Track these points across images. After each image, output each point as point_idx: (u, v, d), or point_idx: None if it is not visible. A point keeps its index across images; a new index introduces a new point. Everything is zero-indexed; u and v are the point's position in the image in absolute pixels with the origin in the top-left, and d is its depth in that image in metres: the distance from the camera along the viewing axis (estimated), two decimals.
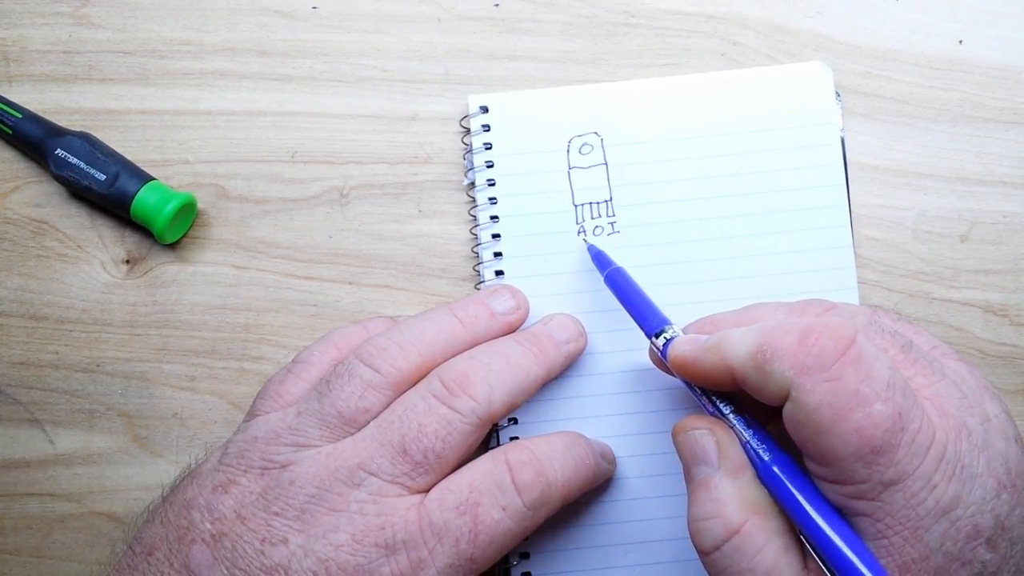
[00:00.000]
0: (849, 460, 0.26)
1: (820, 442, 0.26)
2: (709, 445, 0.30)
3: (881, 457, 0.26)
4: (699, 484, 0.29)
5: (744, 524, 0.28)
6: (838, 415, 0.26)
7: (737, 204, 0.39)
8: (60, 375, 0.39)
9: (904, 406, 0.26)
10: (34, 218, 0.40)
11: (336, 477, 0.31)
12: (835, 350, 0.26)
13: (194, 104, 0.41)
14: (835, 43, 0.41)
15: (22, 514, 0.39)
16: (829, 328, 0.27)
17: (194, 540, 0.31)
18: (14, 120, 0.40)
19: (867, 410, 0.26)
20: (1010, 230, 0.39)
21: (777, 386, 0.27)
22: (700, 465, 0.30)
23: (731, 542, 0.28)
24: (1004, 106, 0.40)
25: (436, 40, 0.41)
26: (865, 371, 0.26)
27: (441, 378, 0.33)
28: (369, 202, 0.40)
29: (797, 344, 0.27)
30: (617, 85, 0.40)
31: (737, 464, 0.29)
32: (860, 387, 0.26)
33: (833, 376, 0.26)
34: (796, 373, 0.26)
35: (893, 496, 0.26)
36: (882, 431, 0.26)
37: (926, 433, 0.26)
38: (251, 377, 0.39)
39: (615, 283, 0.36)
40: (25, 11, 0.42)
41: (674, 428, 0.31)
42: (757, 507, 0.28)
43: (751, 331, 0.28)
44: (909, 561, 0.26)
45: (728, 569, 0.28)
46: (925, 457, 0.26)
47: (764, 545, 0.27)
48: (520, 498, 0.32)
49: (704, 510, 0.29)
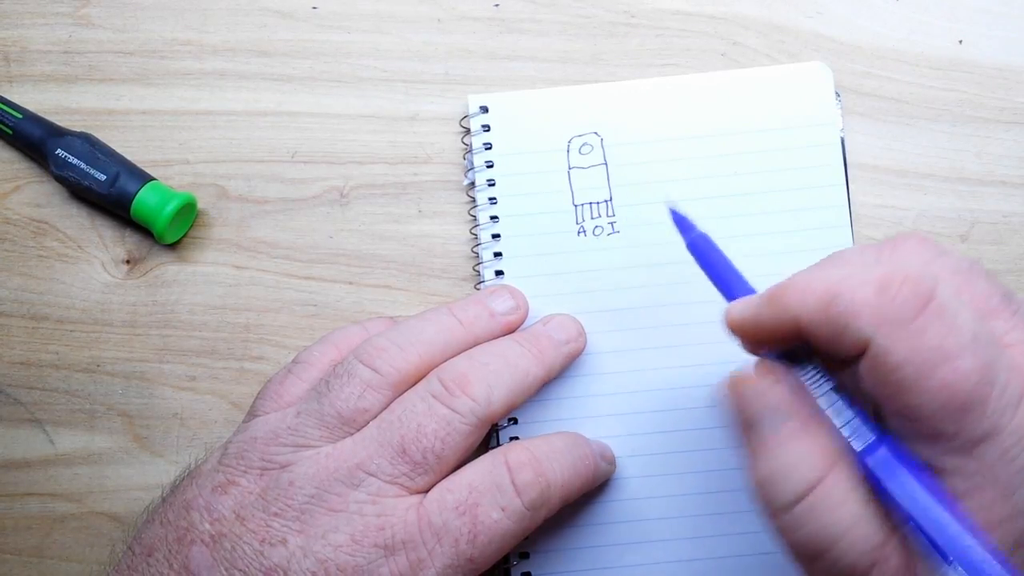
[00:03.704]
0: (936, 416, 0.24)
1: (904, 400, 0.24)
2: (776, 394, 0.27)
3: (971, 412, 0.24)
4: (768, 437, 0.27)
5: (825, 476, 0.25)
6: (923, 372, 0.24)
7: (737, 204, 0.39)
8: (60, 375, 0.39)
9: (991, 358, 0.24)
10: (34, 218, 0.40)
11: (335, 477, 0.31)
12: (917, 302, 0.24)
13: (194, 104, 0.41)
14: (835, 43, 0.40)
15: (22, 514, 0.39)
16: (909, 279, 0.25)
17: (193, 541, 0.31)
18: (14, 120, 0.40)
19: (953, 365, 0.24)
20: (1010, 230, 0.39)
21: (853, 341, 0.25)
22: (768, 417, 0.27)
23: (810, 497, 0.25)
24: (1004, 106, 0.40)
25: (436, 40, 0.41)
26: (949, 324, 0.24)
27: (440, 378, 0.33)
28: (369, 202, 0.40)
29: (875, 296, 0.25)
30: (617, 85, 0.40)
31: (809, 414, 0.27)
32: (945, 341, 0.24)
33: (916, 330, 0.24)
34: (875, 327, 0.24)
35: (985, 452, 0.24)
36: (970, 385, 0.24)
37: (1017, 386, 0.25)
38: (251, 377, 0.39)
39: (698, 250, 0.33)
40: (25, 11, 0.42)
41: (731, 380, 0.28)
42: (836, 457, 0.26)
43: (817, 279, 0.26)
44: (999, 519, 0.24)
45: (807, 526, 0.25)
46: (1017, 411, 0.24)
47: (846, 498, 0.25)
48: (519, 498, 0.32)
49: (778, 463, 0.26)
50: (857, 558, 0.25)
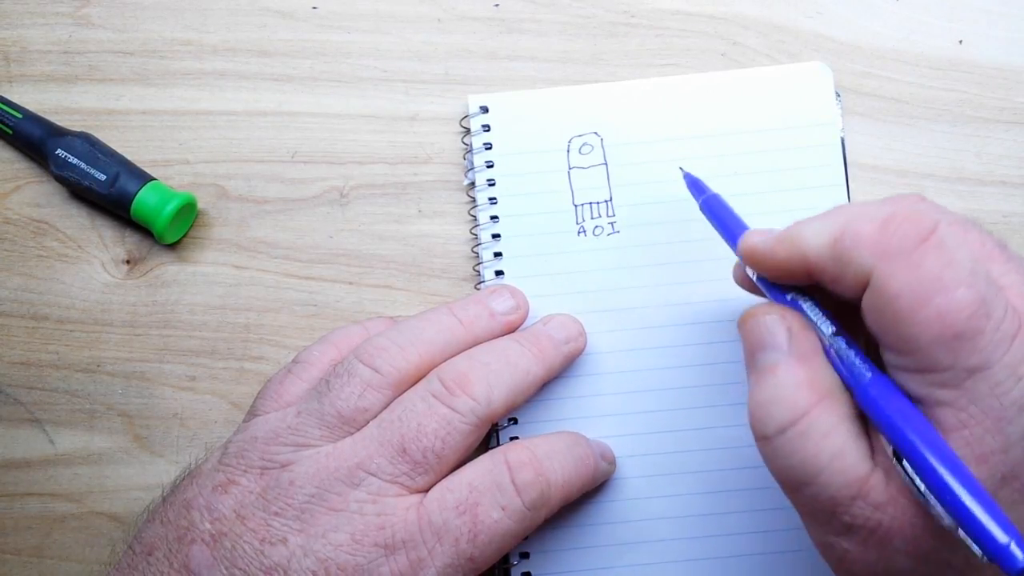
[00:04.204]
0: (932, 347, 0.25)
1: (901, 329, 0.25)
2: (780, 330, 0.28)
3: (965, 343, 0.25)
4: (765, 368, 0.28)
5: (813, 407, 0.27)
6: (920, 300, 0.25)
7: (737, 204, 0.38)
8: (60, 375, 0.39)
9: (987, 293, 0.25)
10: (34, 218, 0.40)
11: (336, 477, 0.31)
12: (917, 236, 0.25)
13: (194, 104, 0.41)
14: (835, 43, 0.40)
15: (22, 514, 0.39)
16: (912, 215, 0.26)
17: (194, 540, 0.31)
18: (14, 120, 0.40)
19: (950, 295, 0.25)
20: (1010, 230, 0.39)
21: (856, 274, 0.26)
22: (768, 350, 0.28)
23: (797, 426, 0.26)
24: (1004, 106, 0.40)
25: (436, 40, 0.41)
26: (948, 257, 0.25)
27: (440, 378, 0.33)
28: (369, 202, 0.40)
29: (878, 230, 0.26)
30: (617, 85, 0.40)
31: (807, 349, 0.28)
32: (943, 272, 0.25)
33: (915, 262, 0.25)
34: (877, 259, 0.26)
35: (977, 384, 0.25)
36: (966, 316, 0.25)
37: (1011, 321, 0.25)
38: (251, 377, 0.39)
39: (710, 208, 0.35)
40: (25, 11, 0.42)
41: (741, 316, 0.30)
42: (827, 391, 0.27)
43: (828, 220, 0.27)
44: (988, 452, 0.25)
45: (792, 455, 0.26)
46: (1011, 346, 0.25)
47: (832, 430, 0.26)
48: (519, 498, 0.32)
49: (770, 394, 0.27)
50: (838, 490, 0.26)
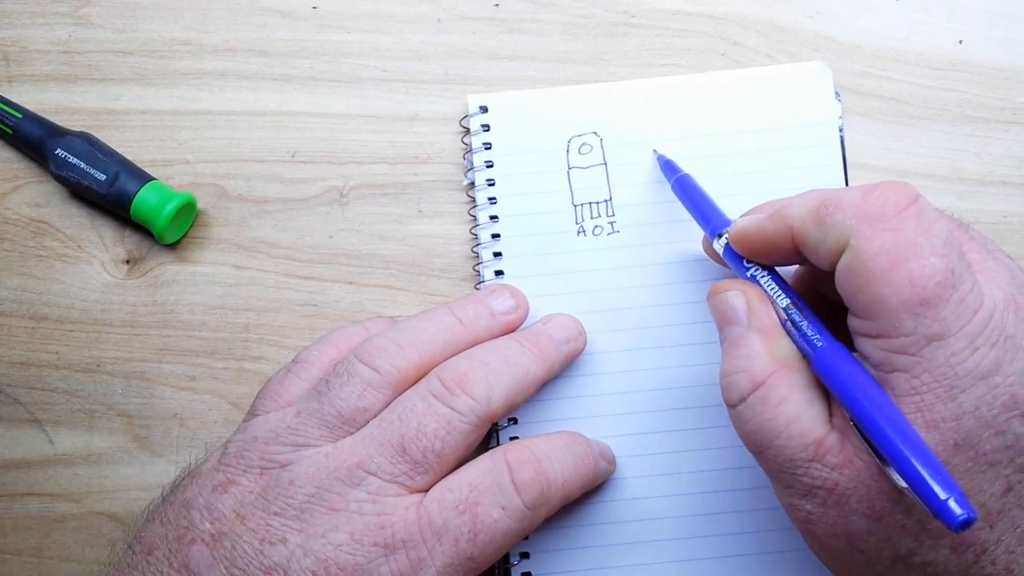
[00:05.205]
0: (897, 311, 0.26)
1: (871, 291, 0.26)
2: (740, 304, 0.30)
3: (929, 310, 0.26)
4: (730, 342, 0.30)
5: (770, 376, 0.28)
6: (894, 263, 0.26)
7: (737, 204, 0.38)
8: (60, 375, 0.39)
9: (958, 266, 0.26)
10: (34, 218, 0.40)
11: (335, 476, 0.31)
12: (897, 204, 0.27)
13: (194, 104, 0.41)
14: (835, 43, 0.40)
15: (22, 514, 0.39)
16: (894, 185, 0.27)
17: (193, 540, 0.31)
18: (14, 120, 0.40)
19: (923, 261, 0.26)
20: (1010, 230, 0.39)
21: (837, 238, 0.27)
22: (731, 325, 0.30)
23: (756, 393, 0.28)
24: (1004, 106, 0.40)
25: (436, 40, 0.41)
26: (925, 226, 0.27)
27: (440, 377, 0.33)
28: (369, 202, 0.40)
29: (861, 196, 0.27)
30: (617, 85, 0.40)
31: (766, 323, 0.30)
32: (919, 239, 0.26)
33: (894, 226, 0.27)
34: (858, 221, 0.27)
35: (935, 352, 0.26)
36: (934, 283, 0.26)
37: (976, 296, 0.26)
38: (251, 377, 0.39)
39: (682, 188, 0.37)
40: (25, 11, 0.42)
41: (708, 292, 0.32)
42: (784, 361, 0.29)
43: (814, 193, 0.29)
44: (939, 419, 0.26)
45: (752, 420, 0.28)
46: (972, 318, 0.26)
47: (786, 396, 0.28)
48: (519, 497, 0.32)
49: (733, 365, 0.29)
50: (795, 452, 0.27)
